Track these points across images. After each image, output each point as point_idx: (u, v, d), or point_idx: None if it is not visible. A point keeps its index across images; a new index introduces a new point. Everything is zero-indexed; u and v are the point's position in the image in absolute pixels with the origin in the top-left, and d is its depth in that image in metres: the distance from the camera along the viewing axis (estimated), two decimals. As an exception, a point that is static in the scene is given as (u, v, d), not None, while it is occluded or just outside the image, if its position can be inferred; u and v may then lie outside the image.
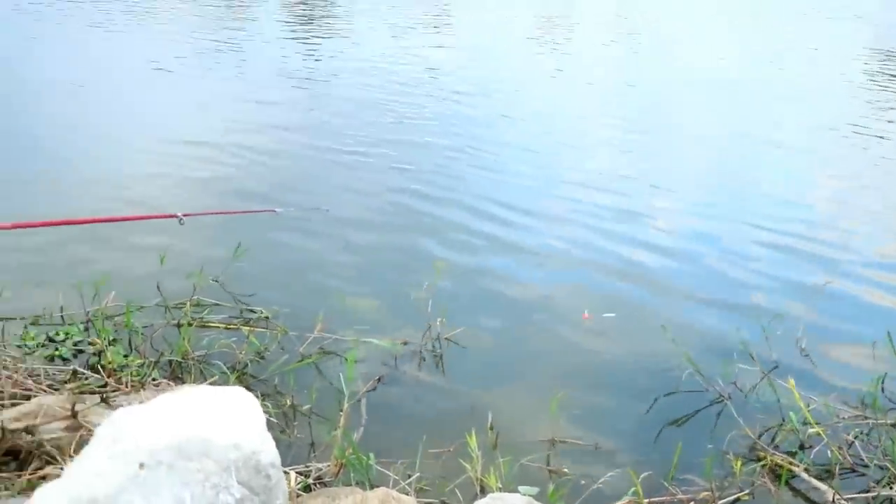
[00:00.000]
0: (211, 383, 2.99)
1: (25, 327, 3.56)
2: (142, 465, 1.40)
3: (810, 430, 3.06)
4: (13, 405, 2.65)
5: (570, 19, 19.02)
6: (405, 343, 3.72)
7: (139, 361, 3.23)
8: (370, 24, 15.56)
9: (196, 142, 6.85)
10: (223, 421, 1.50)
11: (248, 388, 3.18)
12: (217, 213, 4.54)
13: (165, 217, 3.69)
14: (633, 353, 3.88)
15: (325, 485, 2.60)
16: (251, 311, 3.90)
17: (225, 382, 3.16)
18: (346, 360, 3.12)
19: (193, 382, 3.05)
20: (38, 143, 6.80)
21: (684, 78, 11.70)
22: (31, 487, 2.20)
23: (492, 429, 3.09)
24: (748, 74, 12.25)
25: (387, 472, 2.68)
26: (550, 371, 3.70)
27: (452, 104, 8.90)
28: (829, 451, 2.99)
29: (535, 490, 2.60)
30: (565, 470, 2.93)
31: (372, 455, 2.65)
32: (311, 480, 2.60)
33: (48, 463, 2.34)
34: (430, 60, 11.56)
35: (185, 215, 3.54)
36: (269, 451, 1.51)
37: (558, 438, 3.08)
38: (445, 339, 3.80)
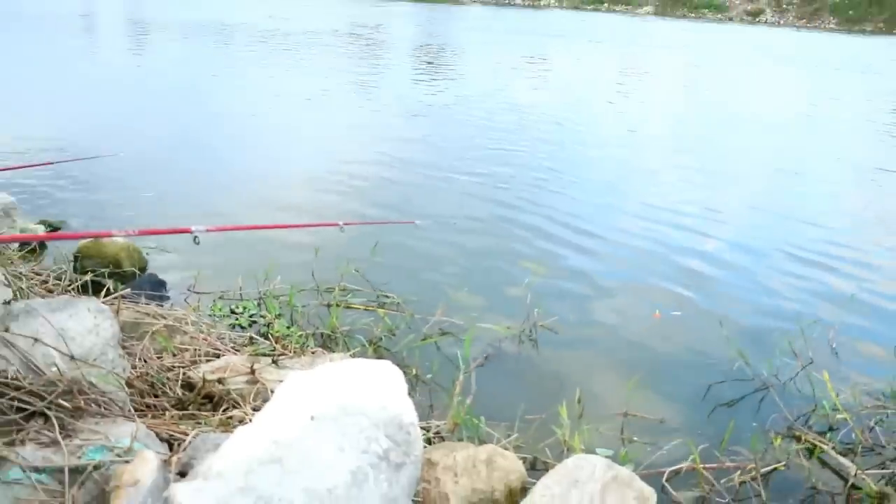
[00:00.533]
0: (353, 354, 3.26)
1: (214, 301, 3.92)
2: (313, 418, 1.61)
3: (839, 416, 3.17)
4: (207, 361, 2.96)
5: (647, 68, 18.77)
6: (508, 328, 3.89)
7: (298, 332, 3.50)
8: (480, 65, 15.75)
9: (348, 161, 7.16)
10: (375, 387, 1.70)
11: (381, 358, 3.50)
12: (371, 224, 4.77)
13: (329, 225, 3.90)
14: (694, 345, 3.99)
15: (442, 439, 2.80)
16: (386, 296, 4.15)
17: (364, 353, 3.45)
18: (464, 340, 3.36)
19: (340, 351, 3.29)
20: (223, 160, 7.28)
21: (741, 119, 11.82)
22: (222, 423, 2.49)
23: (579, 402, 3.20)
24: (795, 118, 12.20)
25: (492, 431, 2.86)
26: (626, 357, 3.84)
27: (543, 136, 9.08)
28: (853, 434, 3.10)
29: (610, 452, 2.78)
30: (635, 438, 3.07)
31: (482, 418, 2.85)
32: (431, 434, 2.79)
33: (234, 407, 2.62)
34: (526, 98, 11.71)
35: (345, 224, 3.72)
36: (409, 413, 1.69)
37: (631, 412, 3.20)
38: (541, 326, 3.96)
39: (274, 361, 2.83)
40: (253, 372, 2.71)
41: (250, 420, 2.47)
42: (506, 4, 45.56)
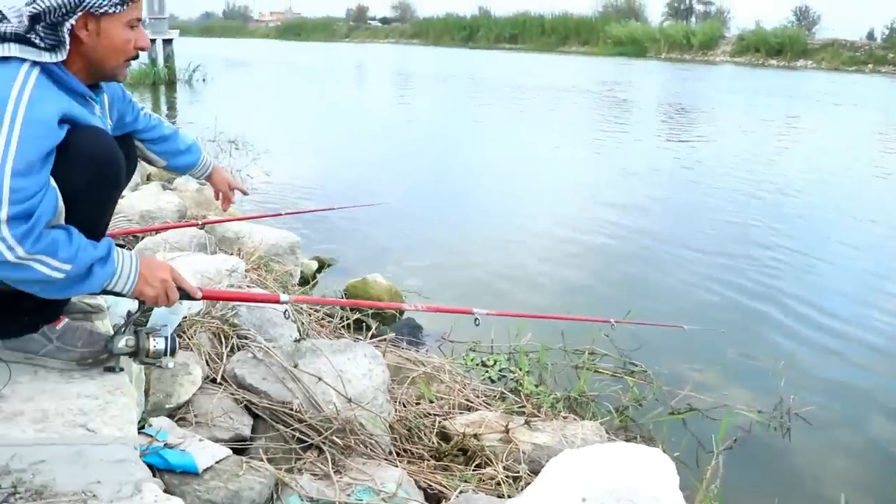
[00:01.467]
0: (601, 423, 3.20)
1: (466, 352, 4.04)
2: (584, 500, 1.60)
3: None
4: (461, 413, 3.05)
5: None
6: (759, 412, 3.65)
7: (548, 392, 3.52)
8: (728, 127, 15.03)
9: (615, 244, 6.72)
10: (647, 476, 1.66)
11: (627, 429, 3.42)
12: (640, 324, 4.27)
13: (600, 321, 3.81)
14: None
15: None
16: (633, 364, 4.06)
17: (611, 423, 3.38)
18: (721, 423, 3.20)
19: (588, 418, 3.25)
20: (483, 218, 7.50)
21: None
22: (474, 479, 2.55)
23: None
24: None
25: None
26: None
27: (795, 208, 8.26)
28: None
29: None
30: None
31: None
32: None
33: (486, 463, 2.67)
34: (777, 166, 10.84)
35: (616, 322, 3.62)
36: (680, 507, 1.64)
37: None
38: (795, 413, 3.67)
39: (527, 422, 2.86)
40: (507, 431, 2.75)
41: (503, 479, 2.52)
42: (759, 65, 43.42)
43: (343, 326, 3.88)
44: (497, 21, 70.65)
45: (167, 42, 22.24)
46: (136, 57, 2.06)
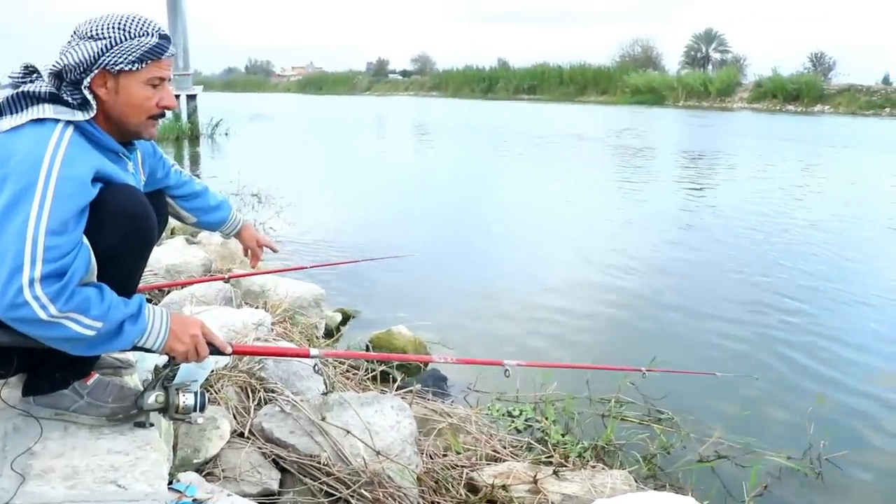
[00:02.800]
0: (630, 471, 3.16)
1: (492, 402, 4.02)
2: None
3: None
4: (488, 464, 3.02)
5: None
6: (789, 458, 3.56)
7: (575, 441, 3.48)
8: (746, 174, 14.92)
9: (638, 290, 6.64)
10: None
11: (656, 478, 3.37)
12: (673, 372, 4.18)
13: (631, 370, 3.77)
14: None
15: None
16: (659, 411, 4.01)
17: (640, 471, 3.33)
18: (751, 470, 3.15)
19: (616, 467, 3.21)
20: (508, 269, 7.37)
21: None
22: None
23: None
24: None
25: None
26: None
27: (813, 249, 8.21)
28: None
29: None
30: None
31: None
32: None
33: (515, 517, 2.64)
34: (795, 207, 10.81)
35: (647, 370, 3.56)
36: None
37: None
38: (826, 459, 3.58)
39: (555, 472, 2.83)
40: (535, 481, 2.72)
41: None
42: (777, 111, 43.45)
43: (369, 378, 3.88)
44: (516, 72, 71.48)
45: (191, 97, 22.69)
46: (162, 115, 2.10)
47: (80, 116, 1.89)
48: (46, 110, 1.86)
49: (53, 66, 1.90)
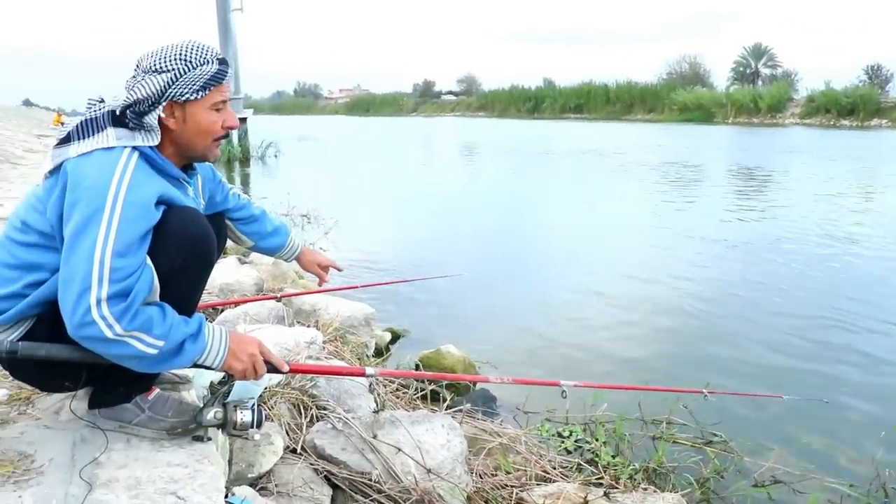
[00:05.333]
0: (682, 494, 3.13)
1: (541, 423, 4.02)
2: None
3: None
4: (538, 485, 3.02)
5: None
6: (851, 486, 3.48)
7: (624, 462, 3.46)
8: (800, 193, 14.61)
9: (696, 310, 6.54)
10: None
11: (709, 502, 3.34)
12: (736, 395, 4.32)
13: (693, 392, 3.76)
14: None
15: None
16: (714, 434, 3.96)
17: (692, 495, 3.30)
18: (809, 498, 3.09)
19: (668, 490, 3.18)
20: (559, 290, 7.41)
21: None
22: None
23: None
24: None
25: None
26: None
27: (880, 268, 7.96)
28: None
29: None
30: None
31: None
32: None
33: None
34: (856, 225, 10.49)
35: (709, 392, 3.57)
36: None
37: None
38: (893, 488, 3.48)
39: (606, 494, 2.82)
40: (586, 503, 2.72)
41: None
42: (830, 126, 42.61)
43: (418, 397, 3.92)
44: (562, 92, 71.51)
45: (242, 121, 23.18)
46: (227, 136, 2.19)
47: (142, 141, 1.98)
48: (111, 137, 1.95)
49: (124, 101, 1.99)
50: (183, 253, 1.98)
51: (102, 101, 2.06)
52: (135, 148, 1.96)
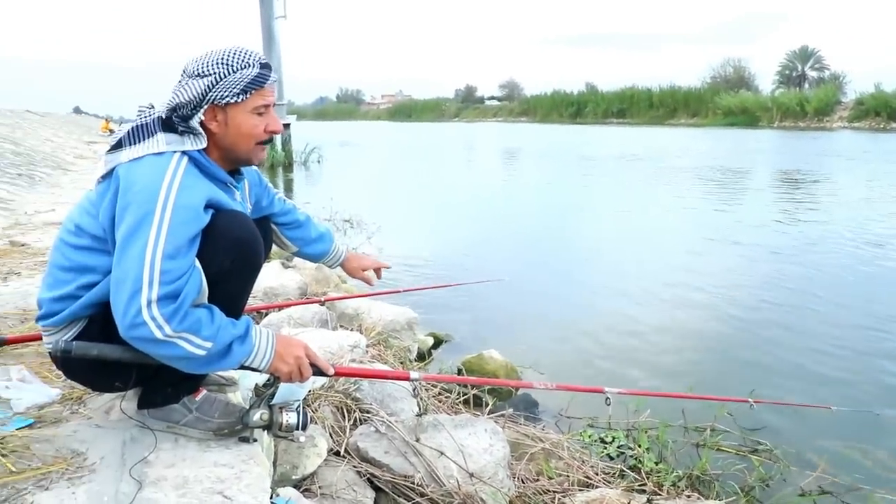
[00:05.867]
0: (726, 502, 3.09)
1: (583, 428, 3.99)
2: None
3: None
4: (580, 490, 3.00)
5: None
6: (901, 500, 3.42)
7: (667, 469, 3.42)
8: (849, 193, 14.28)
9: (746, 316, 6.40)
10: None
11: (754, 511, 3.27)
12: (783, 404, 4.25)
13: (739, 401, 3.74)
14: None
15: None
16: (758, 442, 3.89)
17: (737, 502, 3.24)
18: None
19: (713, 498, 3.14)
20: (597, 293, 7.46)
21: None
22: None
23: None
24: None
25: None
26: None
27: None
28: None
29: None
30: None
31: None
32: None
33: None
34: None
35: (755, 402, 3.55)
36: None
37: None
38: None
39: (649, 500, 2.79)
40: (629, 509, 2.69)
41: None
42: (880, 129, 41.61)
43: (461, 402, 3.92)
44: (604, 96, 71.06)
45: (285, 126, 23.48)
46: (270, 140, 2.22)
47: (190, 146, 2.02)
48: (161, 142, 1.99)
49: (168, 104, 2.03)
50: (231, 256, 2.01)
51: (152, 107, 2.11)
52: (184, 153, 2.00)
